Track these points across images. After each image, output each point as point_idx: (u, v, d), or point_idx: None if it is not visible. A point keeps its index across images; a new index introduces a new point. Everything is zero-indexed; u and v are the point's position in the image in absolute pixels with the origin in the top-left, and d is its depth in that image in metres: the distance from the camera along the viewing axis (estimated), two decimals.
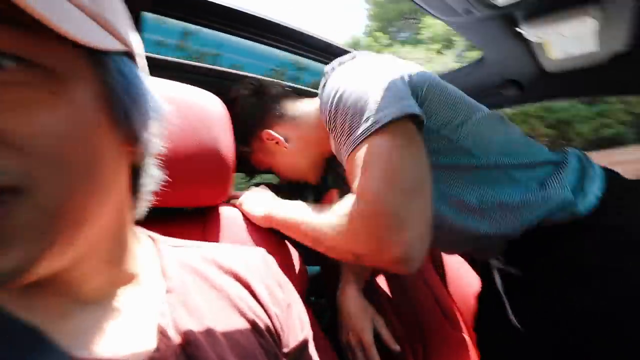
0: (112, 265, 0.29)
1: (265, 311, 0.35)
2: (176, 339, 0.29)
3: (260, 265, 0.40)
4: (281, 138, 0.74)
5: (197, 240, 0.44)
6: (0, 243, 0.20)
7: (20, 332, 0.24)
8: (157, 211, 0.37)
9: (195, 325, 0.30)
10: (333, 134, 0.57)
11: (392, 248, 0.44)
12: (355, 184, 0.49)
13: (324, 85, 0.61)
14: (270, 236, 0.62)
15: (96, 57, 0.24)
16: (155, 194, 0.35)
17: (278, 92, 0.78)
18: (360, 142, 0.49)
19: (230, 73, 0.86)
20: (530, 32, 0.72)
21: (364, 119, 0.50)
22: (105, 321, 0.27)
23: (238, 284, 0.35)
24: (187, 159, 0.51)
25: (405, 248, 0.44)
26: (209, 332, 0.30)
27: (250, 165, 0.83)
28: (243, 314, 0.33)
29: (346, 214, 0.49)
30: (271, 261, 0.42)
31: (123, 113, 0.26)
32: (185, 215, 0.60)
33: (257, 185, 0.80)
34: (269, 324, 0.34)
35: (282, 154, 0.76)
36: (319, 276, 0.95)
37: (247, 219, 0.63)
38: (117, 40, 0.25)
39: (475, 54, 1.01)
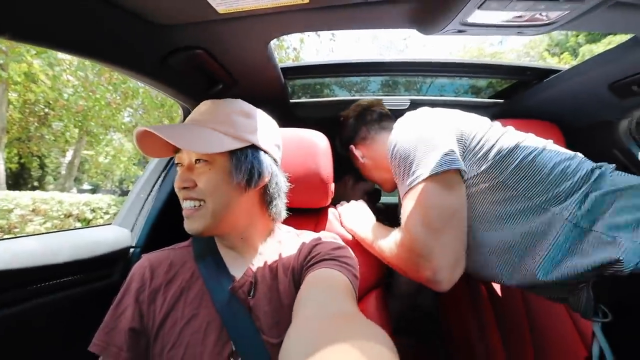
0: (242, 238, 0.64)
1: (300, 265, 0.60)
2: (251, 276, 0.59)
3: (311, 241, 0.64)
4: (359, 154, 0.98)
5: (312, 228, 0.79)
6: (194, 220, 0.57)
7: (218, 256, 0.63)
8: (288, 209, 0.69)
9: (263, 272, 0.60)
10: (394, 172, 0.75)
11: (424, 271, 0.62)
12: (403, 220, 0.67)
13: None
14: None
15: (230, 152, 0.57)
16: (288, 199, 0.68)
17: (373, 119, 0.98)
18: (408, 190, 0.67)
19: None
20: None
21: (411, 172, 0.66)
22: (237, 261, 0.63)
23: (292, 254, 0.63)
24: (302, 177, 0.79)
25: (434, 272, 0.61)
26: (267, 275, 0.60)
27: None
28: (288, 271, 0.60)
29: (396, 241, 0.68)
30: (317, 240, 0.64)
31: (235, 175, 0.58)
32: (307, 213, 0.87)
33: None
34: (298, 269, 0.60)
35: (360, 164, 1.00)
36: None
37: None
38: (241, 141, 0.58)
39: None
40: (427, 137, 0.68)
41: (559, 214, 0.60)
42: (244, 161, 0.58)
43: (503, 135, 0.69)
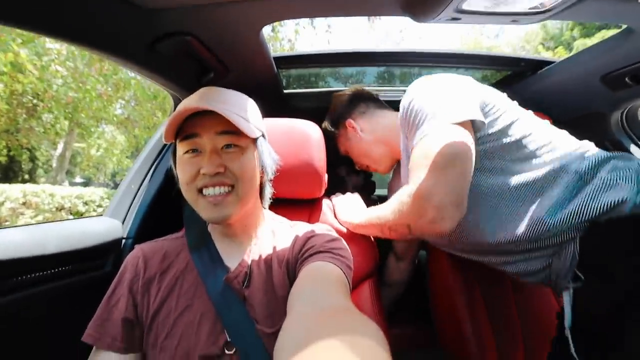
0: (244, 227, 0.64)
1: (294, 257, 0.60)
2: (246, 266, 0.60)
3: (305, 233, 0.64)
4: (358, 127, 0.96)
5: (305, 219, 0.80)
6: (224, 206, 0.56)
7: (212, 247, 0.62)
8: (282, 200, 0.70)
9: (258, 264, 0.61)
10: (404, 130, 0.73)
11: (426, 212, 0.60)
12: (410, 173, 0.65)
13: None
14: None
15: (255, 139, 0.60)
16: (279, 189, 0.69)
17: (371, 97, 0.98)
18: (423, 136, 0.64)
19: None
20: None
21: (427, 119, 0.65)
22: (232, 249, 0.63)
23: (287, 247, 0.63)
24: (295, 167, 0.79)
25: (438, 209, 0.59)
26: (261, 266, 0.60)
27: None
28: (282, 263, 0.61)
29: (402, 200, 0.66)
30: (311, 232, 0.64)
31: (262, 160, 0.61)
32: (300, 203, 0.87)
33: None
34: (292, 262, 0.60)
35: (357, 140, 0.98)
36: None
37: None
38: (259, 130, 0.61)
39: None
40: (448, 91, 0.70)
41: (566, 167, 0.66)
42: (263, 148, 0.62)
43: (518, 110, 0.74)
